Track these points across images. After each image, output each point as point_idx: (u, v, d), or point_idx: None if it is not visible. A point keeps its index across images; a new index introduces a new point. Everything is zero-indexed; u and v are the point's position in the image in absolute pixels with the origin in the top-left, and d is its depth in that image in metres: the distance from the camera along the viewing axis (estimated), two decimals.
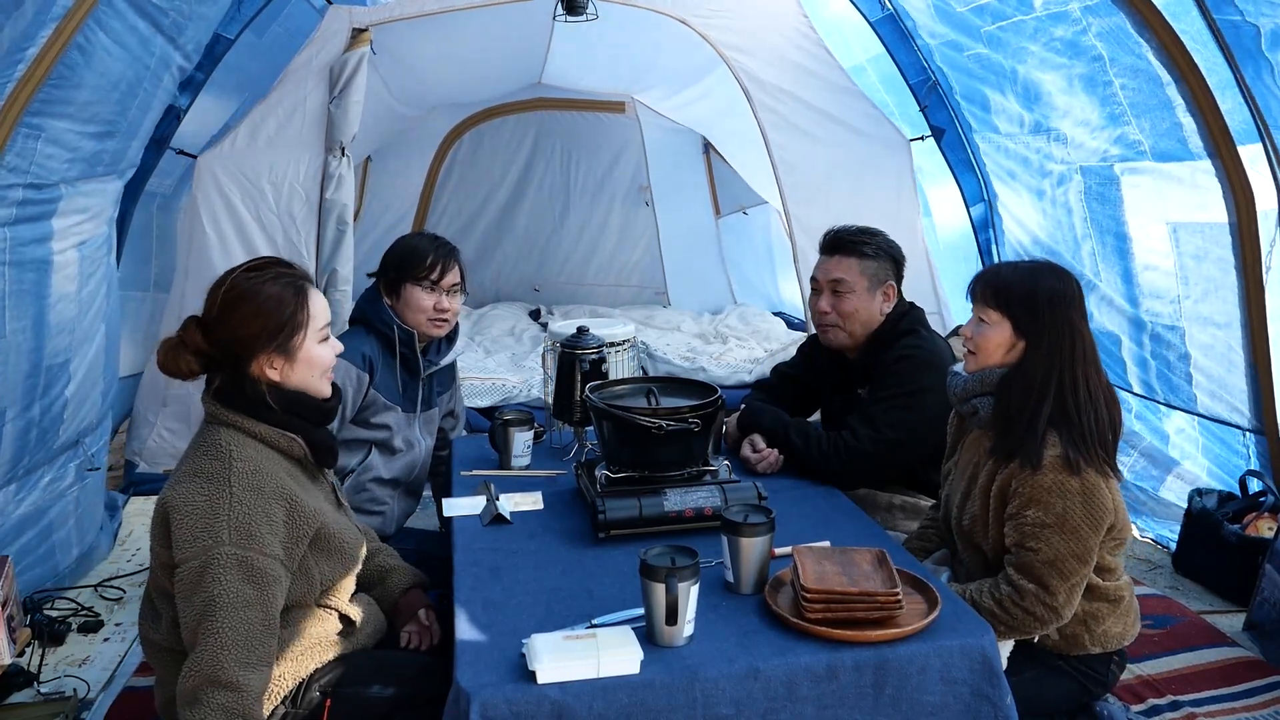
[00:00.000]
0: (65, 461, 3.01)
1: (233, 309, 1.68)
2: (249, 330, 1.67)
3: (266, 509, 1.62)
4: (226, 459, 1.63)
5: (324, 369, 1.78)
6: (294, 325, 1.71)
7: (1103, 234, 3.81)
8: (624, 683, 1.49)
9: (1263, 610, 2.78)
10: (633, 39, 4.96)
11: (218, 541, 1.57)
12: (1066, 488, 1.84)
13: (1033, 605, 1.86)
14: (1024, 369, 1.92)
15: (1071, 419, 1.87)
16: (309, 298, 1.75)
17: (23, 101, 2.41)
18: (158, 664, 1.77)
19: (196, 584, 1.56)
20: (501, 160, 6.85)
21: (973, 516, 1.99)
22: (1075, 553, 1.85)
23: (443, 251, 2.51)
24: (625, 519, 1.98)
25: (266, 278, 1.71)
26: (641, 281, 7.07)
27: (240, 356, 1.69)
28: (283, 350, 1.71)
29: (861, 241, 2.50)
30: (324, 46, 4.01)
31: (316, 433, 1.78)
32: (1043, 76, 3.70)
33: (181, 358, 1.67)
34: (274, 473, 1.67)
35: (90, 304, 2.98)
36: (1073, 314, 1.92)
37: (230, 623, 1.55)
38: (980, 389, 1.98)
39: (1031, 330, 1.92)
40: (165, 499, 1.64)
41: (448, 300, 2.52)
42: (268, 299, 1.69)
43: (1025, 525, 1.86)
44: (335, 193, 3.96)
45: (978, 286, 2.01)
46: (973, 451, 2.06)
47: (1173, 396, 3.67)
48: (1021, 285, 1.94)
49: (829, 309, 2.51)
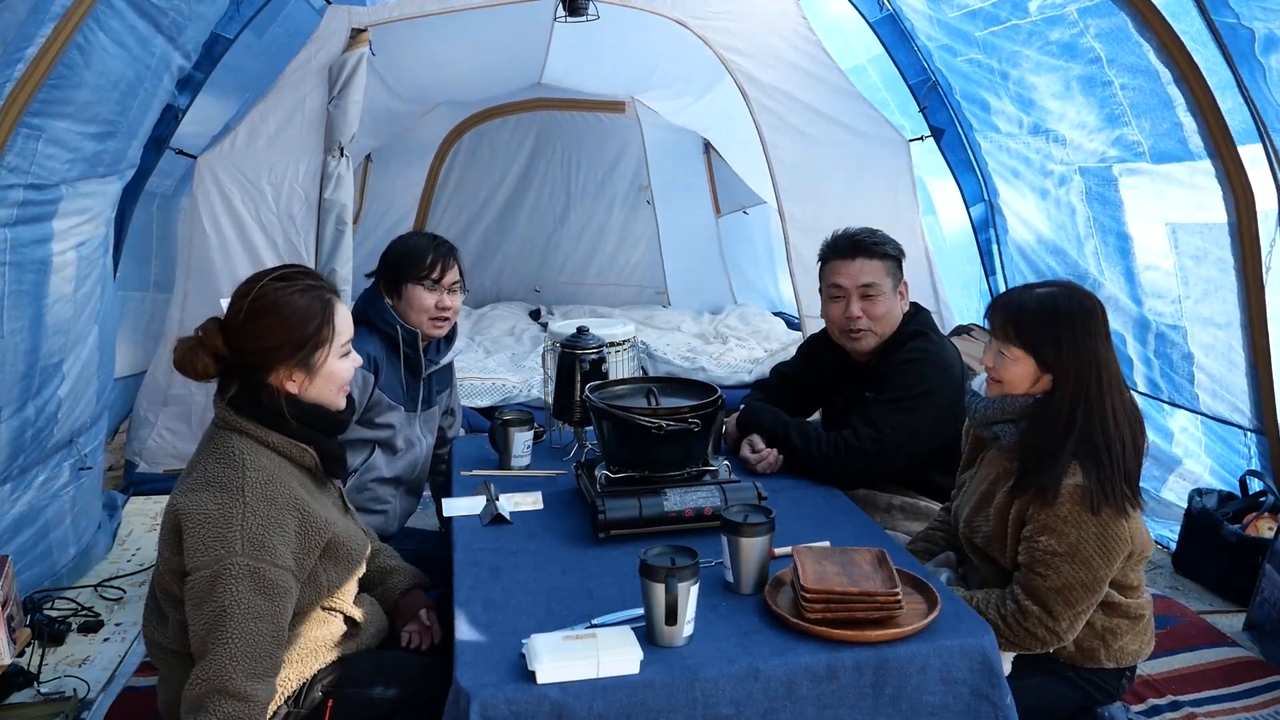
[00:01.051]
0: (59, 461, 3.01)
1: (259, 318, 1.65)
2: (272, 341, 1.66)
3: (279, 519, 1.61)
4: (240, 468, 1.61)
5: (342, 383, 1.77)
6: (318, 340, 1.69)
7: (1104, 234, 3.81)
8: (624, 683, 1.49)
9: (1263, 610, 2.78)
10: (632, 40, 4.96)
11: (230, 551, 1.55)
12: (1082, 520, 1.81)
13: (1035, 627, 1.85)
14: (1051, 405, 1.87)
15: (1099, 453, 1.82)
16: (335, 313, 1.73)
17: (22, 102, 2.41)
18: (163, 666, 1.77)
19: (208, 593, 1.55)
20: (502, 161, 6.85)
21: (987, 536, 1.98)
22: (1084, 582, 1.83)
23: (442, 250, 2.51)
24: (625, 519, 1.98)
25: (295, 289, 1.69)
26: (641, 281, 7.07)
27: (260, 366, 1.67)
28: (304, 365, 1.69)
29: (881, 241, 2.49)
30: (323, 47, 4.01)
31: (328, 443, 1.77)
32: (1037, 80, 3.70)
33: (199, 359, 1.66)
34: (287, 482, 1.65)
35: (85, 305, 2.98)
36: (1096, 342, 1.87)
37: (240, 633, 1.54)
38: (1002, 416, 1.94)
39: (1057, 367, 1.87)
40: (177, 505, 1.61)
41: (449, 299, 2.52)
42: (295, 311, 1.67)
43: (1037, 551, 1.84)
44: (334, 193, 3.96)
45: (997, 319, 1.94)
46: (990, 468, 2.04)
47: (1176, 395, 3.67)
48: (1042, 319, 1.88)
49: (860, 314, 2.46)
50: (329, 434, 1.78)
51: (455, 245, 2.59)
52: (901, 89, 4.72)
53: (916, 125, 4.72)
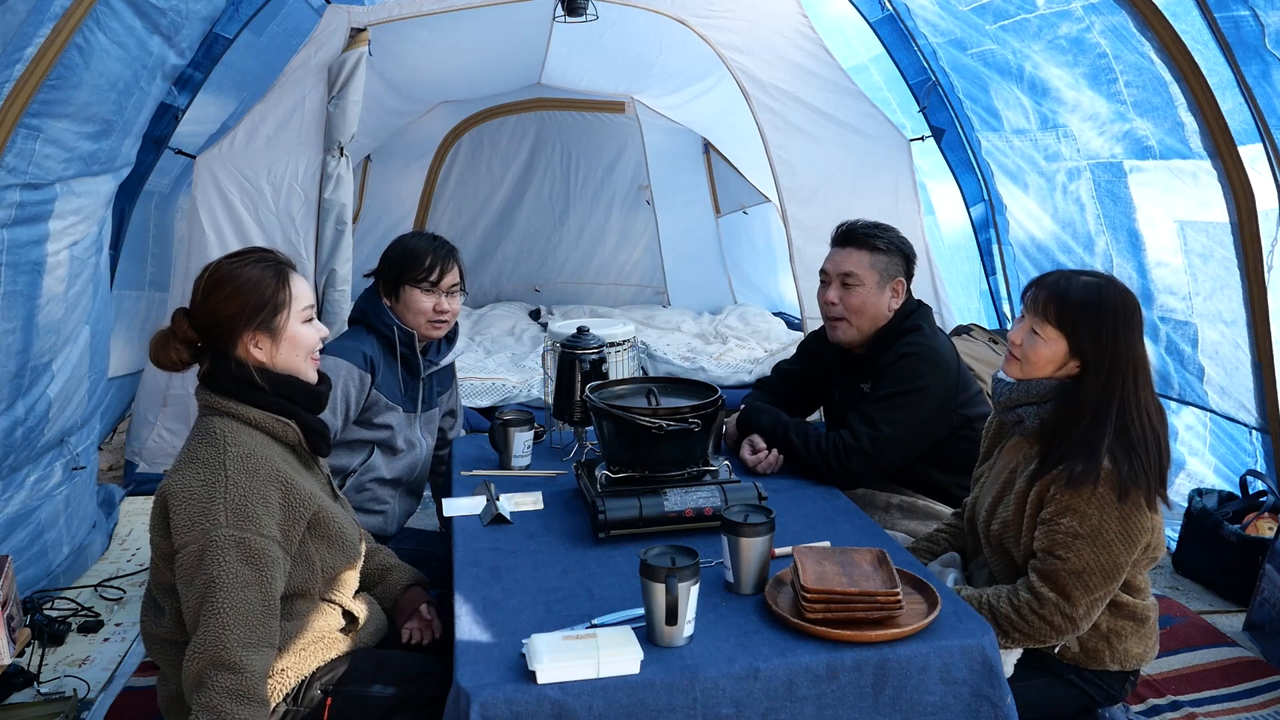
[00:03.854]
0: (51, 460, 3.01)
1: (214, 291, 1.71)
2: (230, 309, 1.70)
3: (262, 491, 1.64)
4: (221, 444, 1.65)
5: (309, 350, 1.80)
6: (276, 304, 1.73)
7: (1116, 230, 3.81)
8: (624, 683, 1.48)
9: (1263, 610, 2.78)
10: (632, 39, 4.96)
11: (215, 524, 1.58)
12: (1106, 502, 1.79)
13: (1051, 614, 1.83)
14: (1082, 393, 1.86)
15: (1133, 446, 1.80)
16: (290, 279, 1.78)
17: (22, 102, 2.41)
18: (161, 659, 1.77)
19: (196, 567, 1.58)
20: (501, 160, 6.85)
21: (1004, 521, 1.96)
22: (1103, 567, 1.81)
23: (441, 252, 2.50)
24: (625, 519, 1.98)
25: (248, 261, 1.75)
26: (641, 281, 7.07)
27: (224, 337, 1.71)
28: (266, 328, 1.73)
29: (874, 235, 2.49)
30: (322, 46, 4.00)
31: (308, 417, 1.79)
32: (1051, 72, 3.69)
33: (171, 347, 1.71)
34: (268, 457, 1.69)
35: (76, 304, 2.97)
36: (1135, 339, 1.85)
37: (230, 602, 1.57)
38: (1026, 399, 1.92)
39: (1094, 356, 1.85)
40: (163, 487, 1.66)
41: (447, 301, 2.51)
42: (248, 279, 1.72)
43: (1057, 533, 1.82)
44: (334, 193, 3.96)
45: (1039, 297, 1.90)
46: (1010, 456, 2.02)
47: (1187, 392, 3.67)
48: (1088, 308, 1.85)
49: (837, 300, 2.49)
50: (309, 409, 1.80)
51: (456, 246, 2.58)
52: (902, 89, 4.73)
53: (917, 125, 4.73)
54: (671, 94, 6.10)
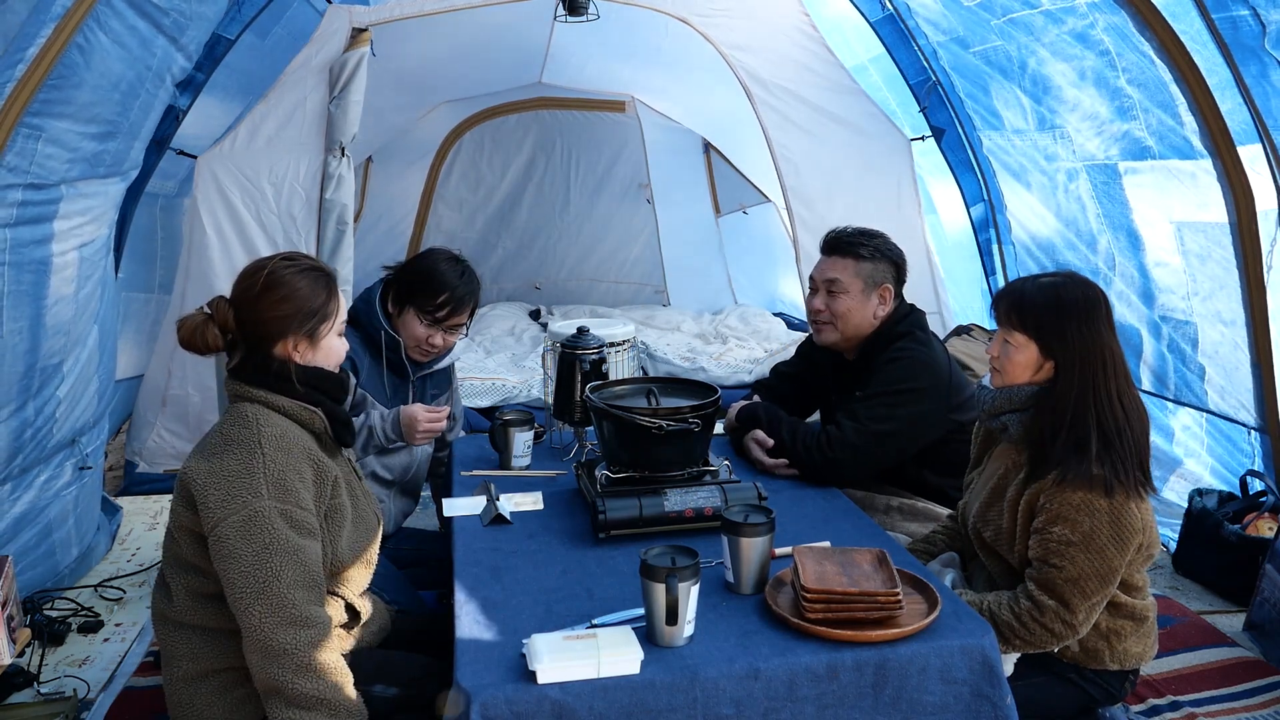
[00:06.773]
0: (61, 460, 3.01)
1: (271, 291, 1.76)
2: (284, 312, 1.76)
3: (297, 466, 1.70)
4: (254, 426, 1.70)
5: (337, 361, 1.88)
6: (325, 313, 1.81)
7: (1115, 230, 3.82)
8: (624, 683, 1.49)
9: (1263, 610, 2.78)
10: (633, 38, 4.96)
11: (258, 496, 1.63)
12: (1095, 506, 1.81)
13: (1051, 622, 1.85)
14: (1057, 392, 1.89)
15: (1111, 439, 1.83)
16: (337, 292, 1.85)
17: (23, 102, 2.41)
18: (168, 641, 1.77)
19: (244, 535, 1.61)
20: (502, 160, 6.85)
21: (997, 530, 1.98)
22: (1099, 572, 1.83)
23: (460, 293, 2.45)
24: (625, 519, 1.98)
25: (302, 267, 1.81)
26: (641, 279, 7.08)
27: (268, 336, 1.77)
28: (310, 335, 1.80)
29: (859, 243, 2.51)
30: (323, 46, 4.00)
31: (334, 407, 1.84)
32: (1054, 68, 3.69)
33: (209, 332, 1.75)
34: (299, 437, 1.74)
35: (86, 305, 2.98)
36: (1100, 330, 1.88)
37: (289, 565, 1.61)
38: (1009, 405, 1.96)
39: (1061, 352, 1.89)
40: (192, 471, 1.68)
41: (442, 337, 2.50)
42: (304, 286, 1.79)
43: (1050, 541, 1.84)
44: (335, 193, 3.96)
45: (1002, 306, 1.96)
46: (999, 463, 2.04)
47: (1186, 392, 3.67)
48: (1046, 307, 1.90)
49: (823, 308, 2.54)
50: (334, 399, 1.84)
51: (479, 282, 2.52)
52: (902, 89, 4.73)
53: (917, 125, 4.73)
54: (672, 93, 6.10)
